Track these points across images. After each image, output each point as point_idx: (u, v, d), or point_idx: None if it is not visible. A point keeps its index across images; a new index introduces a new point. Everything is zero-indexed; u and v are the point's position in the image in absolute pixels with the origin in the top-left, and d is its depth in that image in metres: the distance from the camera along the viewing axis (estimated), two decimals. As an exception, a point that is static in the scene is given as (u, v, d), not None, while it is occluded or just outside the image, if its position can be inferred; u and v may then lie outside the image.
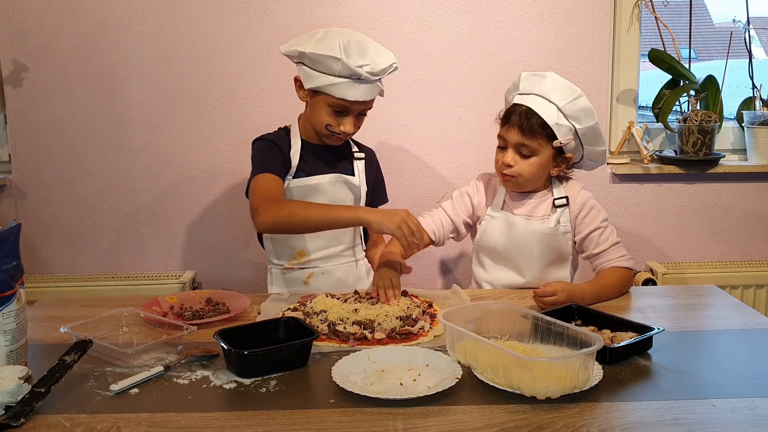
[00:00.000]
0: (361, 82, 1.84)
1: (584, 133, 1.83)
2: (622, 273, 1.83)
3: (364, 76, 1.82)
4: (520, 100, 1.84)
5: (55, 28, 2.48)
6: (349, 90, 1.84)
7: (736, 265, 2.65)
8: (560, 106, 1.80)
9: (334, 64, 1.81)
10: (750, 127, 2.65)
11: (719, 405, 1.20)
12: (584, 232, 1.88)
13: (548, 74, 1.85)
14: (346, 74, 1.82)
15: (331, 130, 1.91)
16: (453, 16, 2.52)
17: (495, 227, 1.92)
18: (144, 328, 1.58)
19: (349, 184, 2.02)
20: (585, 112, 1.81)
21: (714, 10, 3.21)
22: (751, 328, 1.58)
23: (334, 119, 1.90)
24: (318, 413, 1.19)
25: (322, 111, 1.90)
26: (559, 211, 1.88)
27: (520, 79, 1.88)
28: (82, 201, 2.59)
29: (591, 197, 1.91)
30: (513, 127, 1.83)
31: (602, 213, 1.90)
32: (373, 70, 1.84)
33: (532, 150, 1.83)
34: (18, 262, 1.32)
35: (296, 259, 2.01)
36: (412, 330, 1.53)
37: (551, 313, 1.48)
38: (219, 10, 2.49)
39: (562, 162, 1.88)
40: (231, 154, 2.58)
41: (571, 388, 1.22)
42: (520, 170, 1.85)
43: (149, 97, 2.53)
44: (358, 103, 1.87)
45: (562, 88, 1.82)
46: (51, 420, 1.17)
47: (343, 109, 1.88)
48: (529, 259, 1.88)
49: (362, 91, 1.85)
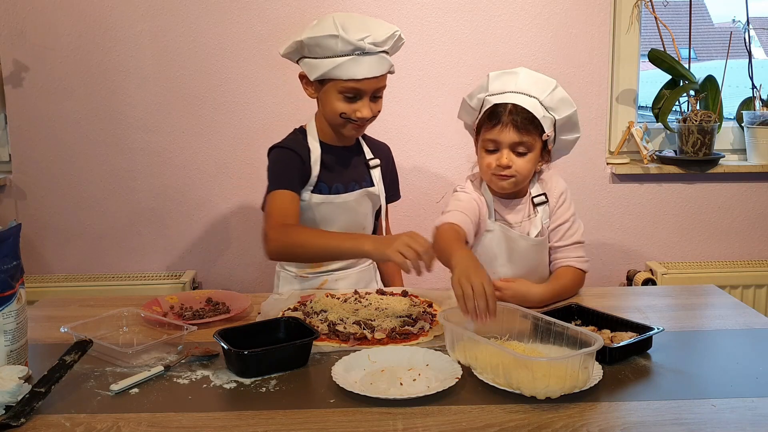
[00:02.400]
0: (365, 56, 1.74)
1: (563, 123, 1.79)
2: (576, 275, 1.82)
3: (367, 47, 1.73)
4: (498, 100, 1.77)
5: (55, 28, 2.48)
6: (355, 67, 1.74)
7: (736, 265, 2.65)
8: (541, 99, 1.76)
9: (333, 43, 1.72)
10: (750, 127, 2.65)
11: (719, 405, 1.20)
12: (555, 222, 1.85)
13: (519, 70, 1.80)
14: (348, 50, 1.72)
15: (347, 117, 1.81)
16: (453, 16, 2.52)
17: (492, 239, 1.85)
18: (144, 328, 1.58)
19: (371, 195, 1.95)
20: (563, 101, 1.77)
21: (714, 10, 3.21)
22: (751, 328, 1.58)
23: (348, 105, 1.79)
24: (318, 413, 1.19)
25: (333, 100, 1.80)
26: (541, 210, 1.85)
27: (489, 80, 1.81)
28: (82, 201, 2.59)
29: (566, 187, 1.89)
30: (506, 126, 1.75)
31: (572, 206, 1.88)
32: (375, 40, 1.74)
33: (528, 146, 1.77)
34: (18, 262, 1.32)
35: (311, 267, 1.95)
36: (412, 330, 1.53)
37: (551, 313, 1.48)
38: (219, 10, 2.49)
39: (546, 155, 1.84)
40: (231, 153, 2.58)
41: (570, 388, 1.22)
42: (519, 169, 1.77)
43: (149, 97, 2.53)
44: (368, 82, 1.77)
45: (538, 81, 1.78)
46: (51, 420, 1.17)
47: (354, 93, 1.78)
48: (528, 270, 1.85)
49: (369, 66, 1.75)
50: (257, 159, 2.58)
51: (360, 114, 1.80)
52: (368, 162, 1.98)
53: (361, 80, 1.76)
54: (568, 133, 1.83)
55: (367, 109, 1.81)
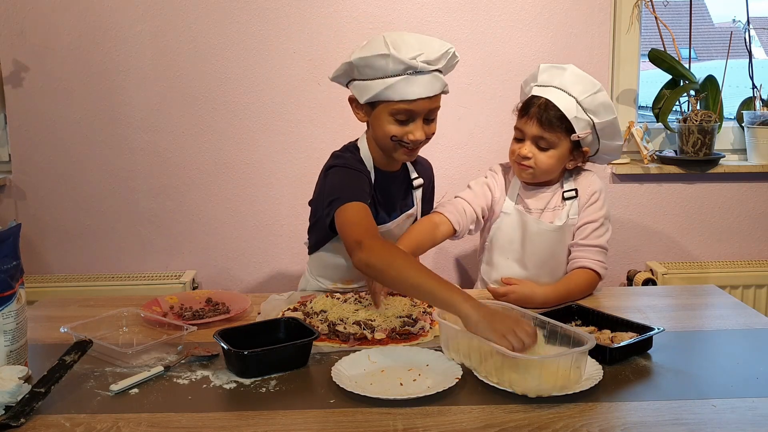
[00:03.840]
0: (418, 75, 1.64)
1: (602, 128, 1.81)
2: (591, 278, 1.81)
3: (420, 66, 1.63)
4: (539, 92, 1.81)
5: (55, 28, 2.48)
6: (407, 87, 1.63)
7: (736, 265, 2.65)
8: (579, 99, 1.77)
9: (384, 63, 1.62)
10: (750, 127, 2.65)
11: (719, 405, 1.20)
12: (583, 219, 1.86)
13: (568, 66, 1.82)
14: (400, 70, 1.62)
15: (398, 140, 1.70)
16: (453, 16, 2.52)
17: (508, 225, 1.88)
18: (144, 328, 1.58)
19: (410, 217, 1.88)
20: (604, 106, 1.79)
21: (714, 10, 3.21)
22: (751, 328, 1.58)
23: (400, 128, 1.69)
24: (318, 413, 1.19)
25: (384, 123, 1.69)
26: (569, 204, 1.86)
27: (539, 71, 1.84)
28: (82, 201, 2.59)
29: (603, 189, 1.89)
30: (532, 119, 1.80)
31: (606, 209, 1.87)
32: (428, 58, 1.64)
33: (550, 143, 1.80)
34: (18, 262, 1.31)
35: (341, 283, 1.90)
36: (412, 330, 1.53)
37: (551, 313, 1.48)
38: (219, 10, 2.49)
39: (578, 155, 1.86)
40: (231, 153, 2.58)
41: (562, 387, 1.22)
42: (538, 162, 1.81)
43: (149, 97, 2.53)
44: (421, 103, 1.66)
45: (582, 81, 1.80)
46: (51, 420, 1.17)
47: (407, 115, 1.68)
48: (543, 258, 1.87)
49: (422, 86, 1.64)
50: (257, 159, 2.58)
51: (413, 137, 1.69)
52: (412, 182, 1.90)
53: (414, 101, 1.65)
54: (610, 138, 1.84)
55: (420, 132, 1.69)
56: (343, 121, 2.48)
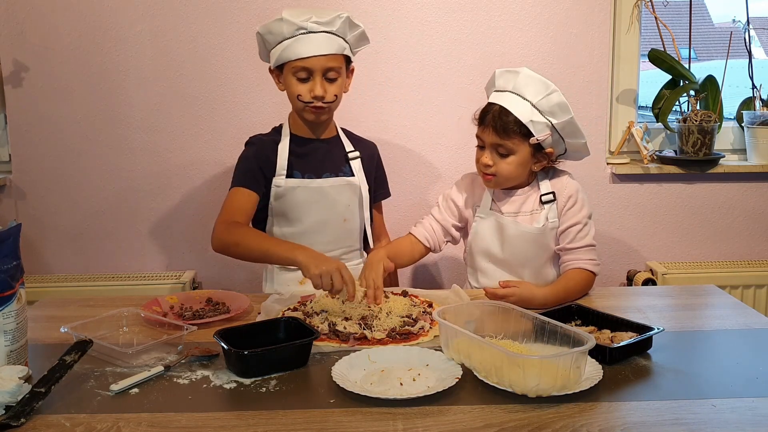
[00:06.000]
0: (310, 35, 1.84)
1: (562, 127, 1.80)
2: (586, 277, 1.82)
3: (309, 26, 1.83)
4: (496, 98, 1.82)
5: (55, 28, 2.48)
6: (301, 46, 1.84)
7: (736, 265, 2.65)
8: (534, 102, 1.77)
9: (279, 27, 1.84)
10: (750, 127, 2.65)
11: (719, 405, 1.20)
12: (565, 224, 1.85)
13: (521, 70, 1.81)
14: (292, 31, 1.84)
15: (303, 99, 1.89)
16: (453, 16, 2.52)
17: (485, 228, 1.90)
18: (144, 328, 1.58)
19: (351, 186, 2.01)
20: (560, 106, 1.78)
21: (714, 10, 3.21)
22: (751, 328, 1.58)
23: (302, 86, 1.88)
24: (318, 413, 1.19)
25: (290, 84, 1.90)
26: (547, 207, 1.86)
27: (495, 77, 1.85)
28: (82, 201, 2.59)
29: (579, 190, 1.88)
30: (488, 127, 1.81)
31: (586, 209, 1.87)
32: (318, 20, 1.84)
33: (508, 149, 1.81)
34: (18, 262, 1.32)
35: None
36: (412, 330, 1.53)
37: (551, 313, 1.48)
38: (219, 10, 2.49)
39: (542, 157, 1.85)
40: (231, 153, 2.57)
41: (562, 387, 1.22)
42: (499, 170, 1.83)
43: (149, 97, 2.53)
44: (316, 60, 1.85)
45: (535, 84, 1.79)
46: (51, 420, 1.17)
47: (307, 73, 1.87)
48: (523, 260, 1.88)
49: (315, 45, 1.84)
50: (257, 159, 2.58)
51: (314, 93, 1.87)
52: (347, 154, 2.04)
53: (307, 58, 1.84)
54: (572, 137, 1.84)
55: (320, 88, 1.86)
56: (343, 122, 2.48)
